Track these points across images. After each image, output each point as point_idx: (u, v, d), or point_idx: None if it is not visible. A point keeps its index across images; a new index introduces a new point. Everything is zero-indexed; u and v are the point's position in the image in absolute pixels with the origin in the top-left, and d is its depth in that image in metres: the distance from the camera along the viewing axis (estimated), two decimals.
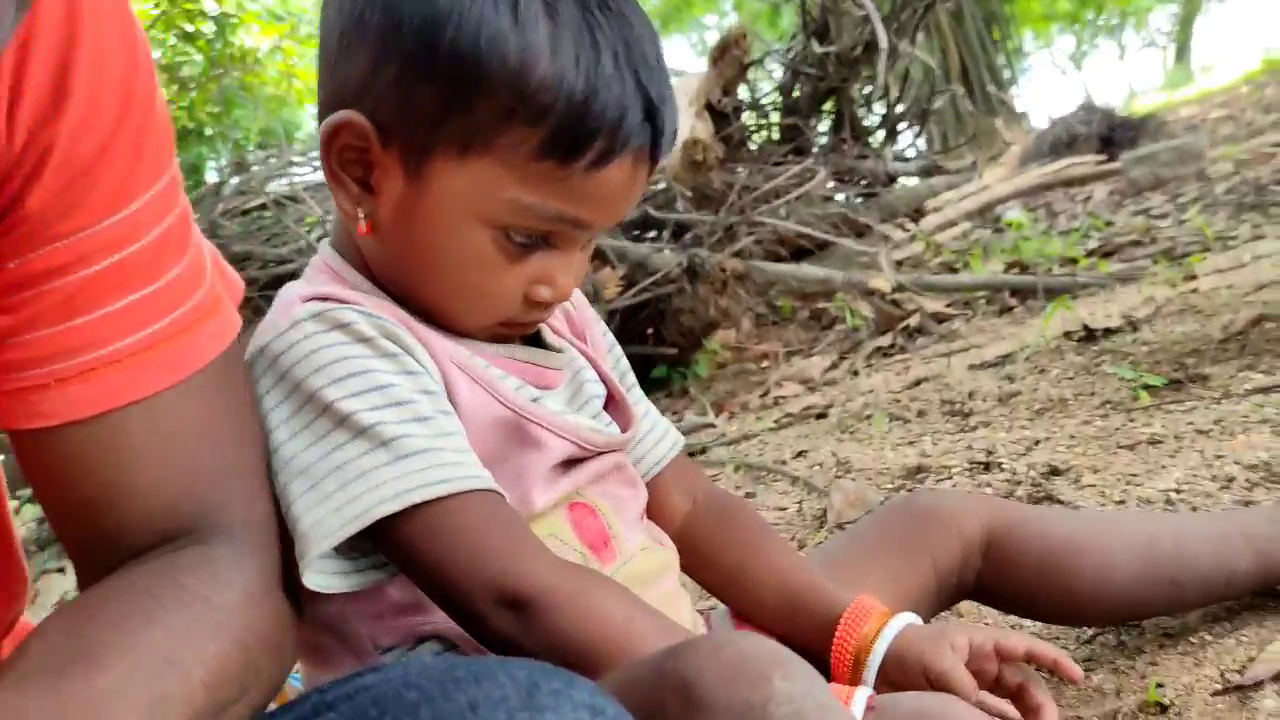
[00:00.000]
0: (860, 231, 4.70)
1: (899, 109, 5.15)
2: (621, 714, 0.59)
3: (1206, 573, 1.08)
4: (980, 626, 0.96)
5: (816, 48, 4.59)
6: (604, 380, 1.03)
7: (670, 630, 0.80)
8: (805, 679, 0.65)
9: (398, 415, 0.81)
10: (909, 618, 0.96)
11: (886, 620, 0.95)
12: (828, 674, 0.99)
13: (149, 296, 0.71)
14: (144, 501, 0.72)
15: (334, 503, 0.79)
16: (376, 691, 0.60)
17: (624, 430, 1.00)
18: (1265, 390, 1.84)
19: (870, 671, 0.94)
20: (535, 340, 1.00)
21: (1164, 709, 1.04)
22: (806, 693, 0.64)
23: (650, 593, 0.95)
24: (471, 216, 0.84)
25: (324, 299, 0.85)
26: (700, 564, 1.06)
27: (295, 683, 1.08)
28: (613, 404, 1.03)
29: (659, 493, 1.08)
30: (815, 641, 0.99)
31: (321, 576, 0.81)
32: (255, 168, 5.38)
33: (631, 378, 1.10)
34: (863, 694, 0.81)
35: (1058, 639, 1.26)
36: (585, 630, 0.77)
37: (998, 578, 1.10)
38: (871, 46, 4.39)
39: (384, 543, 0.82)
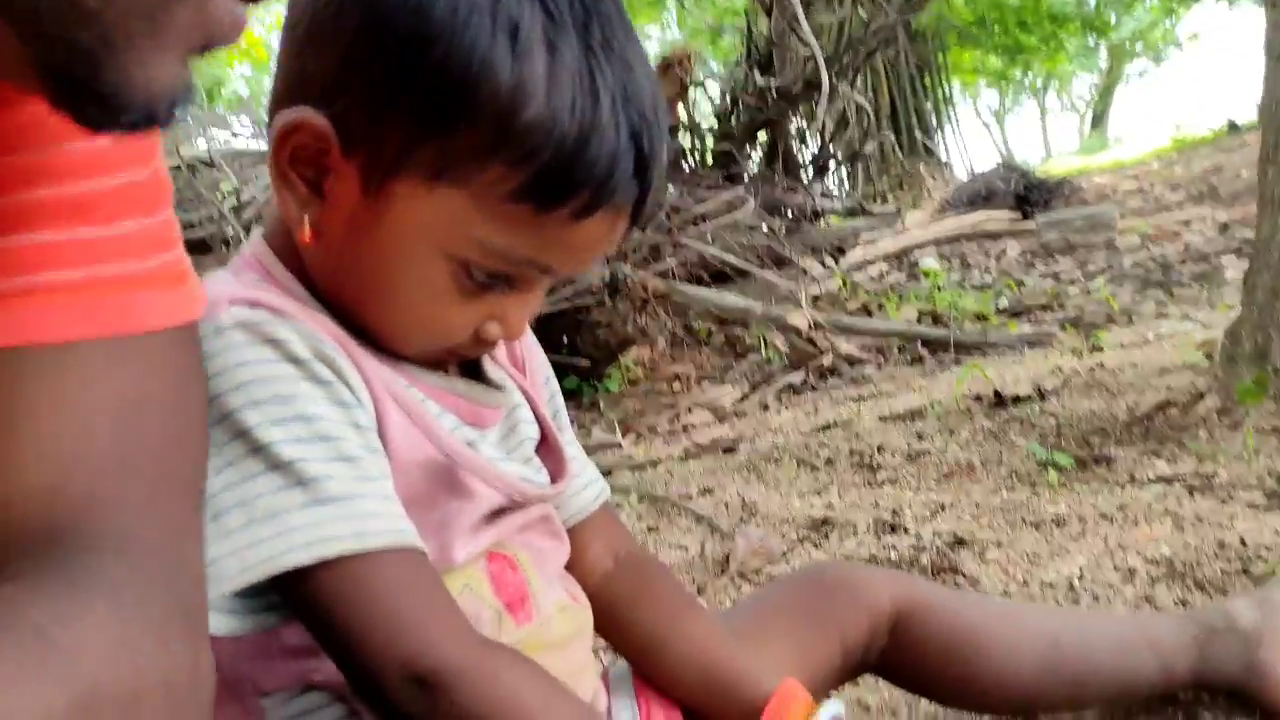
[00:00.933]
0: (781, 262, 4.72)
1: (831, 147, 5.20)
2: None
3: (1108, 675, 1.08)
4: None
5: (758, 79, 4.61)
6: (539, 421, 0.97)
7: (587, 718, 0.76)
8: None
9: (321, 452, 0.74)
10: (834, 708, 0.94)
11: (812, 711, 0.93)
12: None
13: (96, 240, 0.62)
14: (22, 473, 0.60)
15: (235, 542, 0.72)
16: None
17: (555, 477, 0.95)
18: (1168, 480, 1.88)
19: None
20: (474, 370, 0.93)
21: None
22: None
23: (562, 659, 0.90)
24: (431, 247, 0.78)
25: (254, 304, 0.77)
26: (615, 627, 1.01)
27: None
28: (545, 447, 0.97)
29: (578, 543, 1.02)
30: None
31: (210, 615, 0.76)
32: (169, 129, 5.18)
33: (564, 417, 1.04)
34: None
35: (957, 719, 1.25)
36: (499, 716, 0.73)
37: (901, 657, 1.09)
38: (812, 84, 4.41)
39: (286, 590, 0.75)
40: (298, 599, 0.75)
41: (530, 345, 1.02)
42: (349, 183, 0.77)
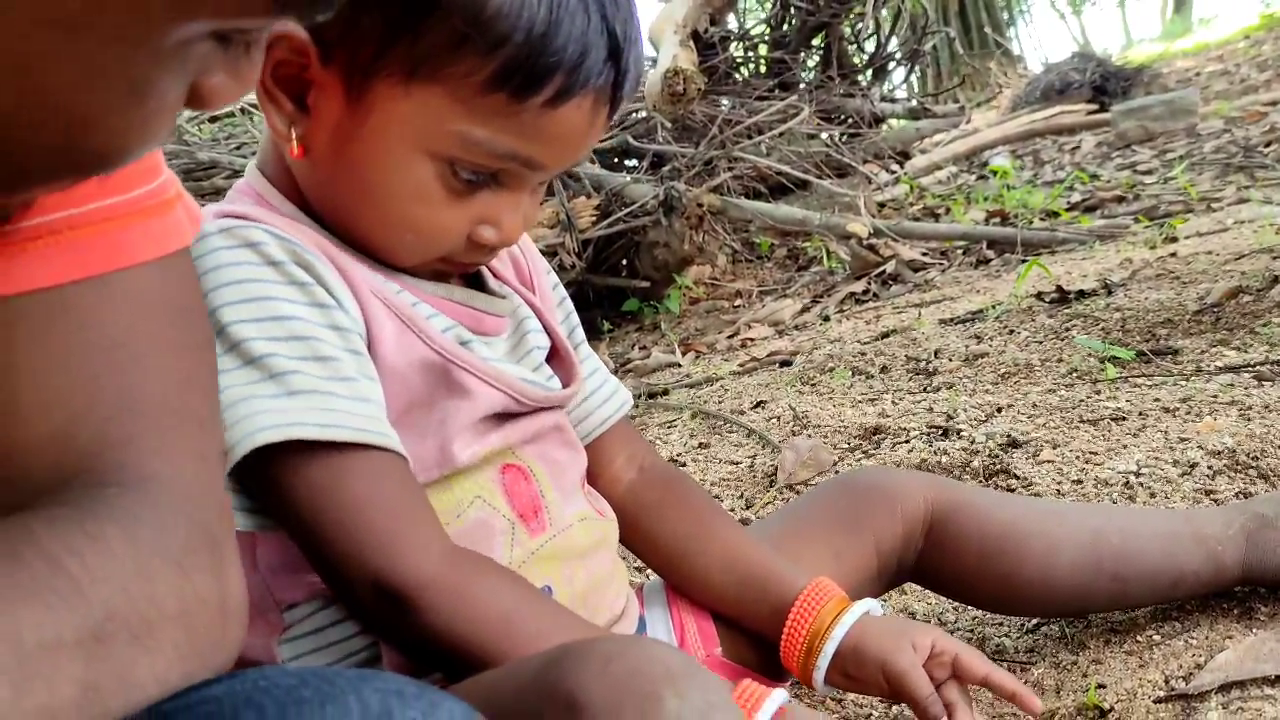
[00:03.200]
0: (843, 171, 4.60)
1: (889, 48, 5.02)
2: None
3: (1153, 571, 1.03)
4: (944, 633, 0.91)
5: None
6: (549, 331, 0.96)
7: (559, 624, 0.75)
8: (701, 694, 0.59)
9: (294, 350, 0.74)
10: (869, 604, 0.91)
11: (845, 606, 0.90)
12: (778, 659, 0.94)
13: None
14: (30, 420, 0.59)
15: None
16: (215, 706, 0.54)
17: (566, 386, 0.93)
18: (1236, 369, 1.78)
19: (824, 660, 0.89)
20: (476, 284, 0.92)
21: (1104, 714, 0.99)
22: (701, 712, 0.58)
23: (583, 567, 0.89)
24: (415, 147, 0.78)
25: (239, 217, 0.78)
26: (642, 537, 1.00)
27: None
28: (556, 358, 0.96)
29: (601, 456, 1.02)
30: (766, 625, 0.95)
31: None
32: None
33: (580, 334, 1.03)
34: (775, 701, 0.75)
35: (1000, 624, 1.21)
36: (465, 629, 0.72)
37: (939, 561, 1.06)
38: None
39: (266, 489, 0.76)
40: (273, 496, 0.75)
41: (541, 269, 1.01)
42: (331, 93, 0.78)
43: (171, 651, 0.56)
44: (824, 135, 4.66)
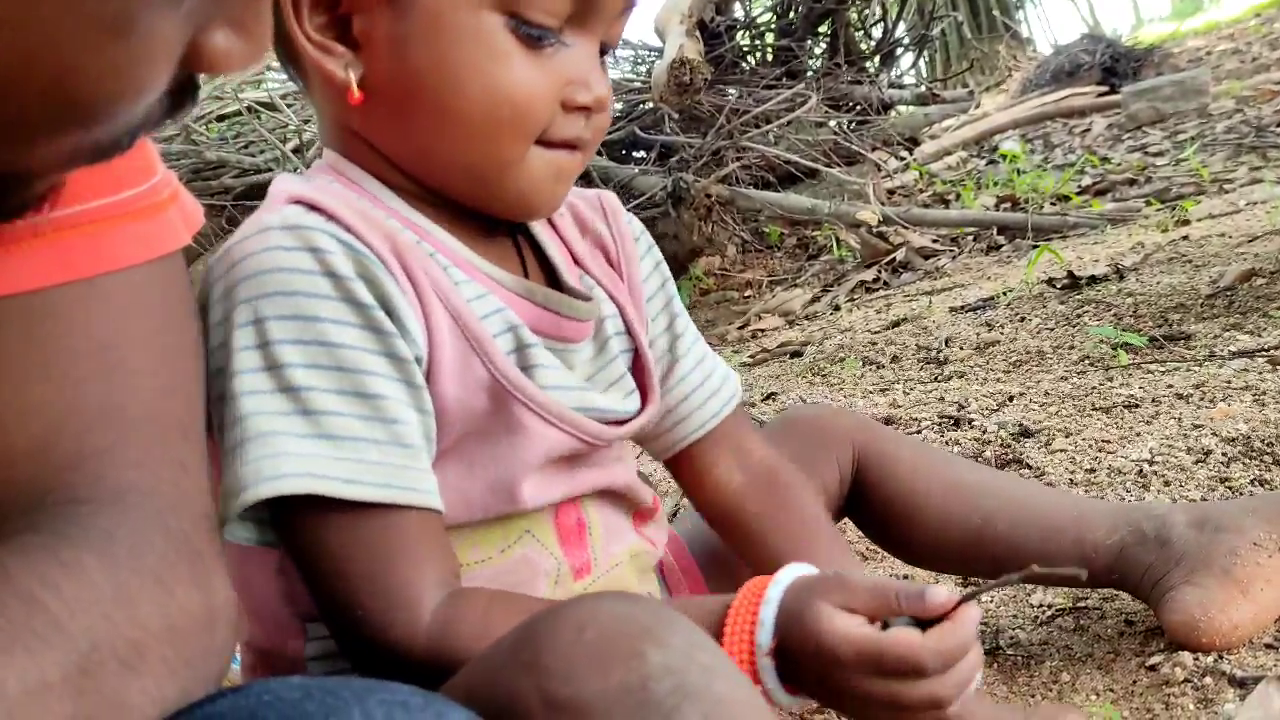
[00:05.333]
0: (852, 159, 4.57)
1: (897, 33, 4.99)
2: None
3: (1028, 559, 1.04)
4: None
5: None
6: (632, 334, 0.90)
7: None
8: (683, 641, 0.57)
9: (335, 382, 0.70)
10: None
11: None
12: None
13: (55, 181, 0.57)
14: (7, 428, 0.58)
15: (231, 460, 0.70)
16: None
17: (643, 403, 0.89)
18: (1250, 353, 1.77)
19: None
20: (554, 282, 0.87)
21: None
22: (687, 658, 0.56)
23: None
24: (474, 3, 0.73)
25: (310, 206, 0.74)
26: (745, 545, 0.95)
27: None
28: (638, 367, 0.90)
29: (702, 461, 0.95)
30: None
31: (234, 526, 0.73)
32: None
33: (683, 322, 0.96)
34: (778, 586, 0.71)
35: (1015, 617, 1.20)
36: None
37: (858, 503, 1.09)
38: None
39: (276, 523, 0.74)
40: (283, 526, 0.73)
41: (633, 255, 0.94)
42: (373, 8, 0.74)
43: (162, 669, 0.55)
44: (832, 123, 4.63)
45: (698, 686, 0.55)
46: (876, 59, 4.98)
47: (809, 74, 4.67)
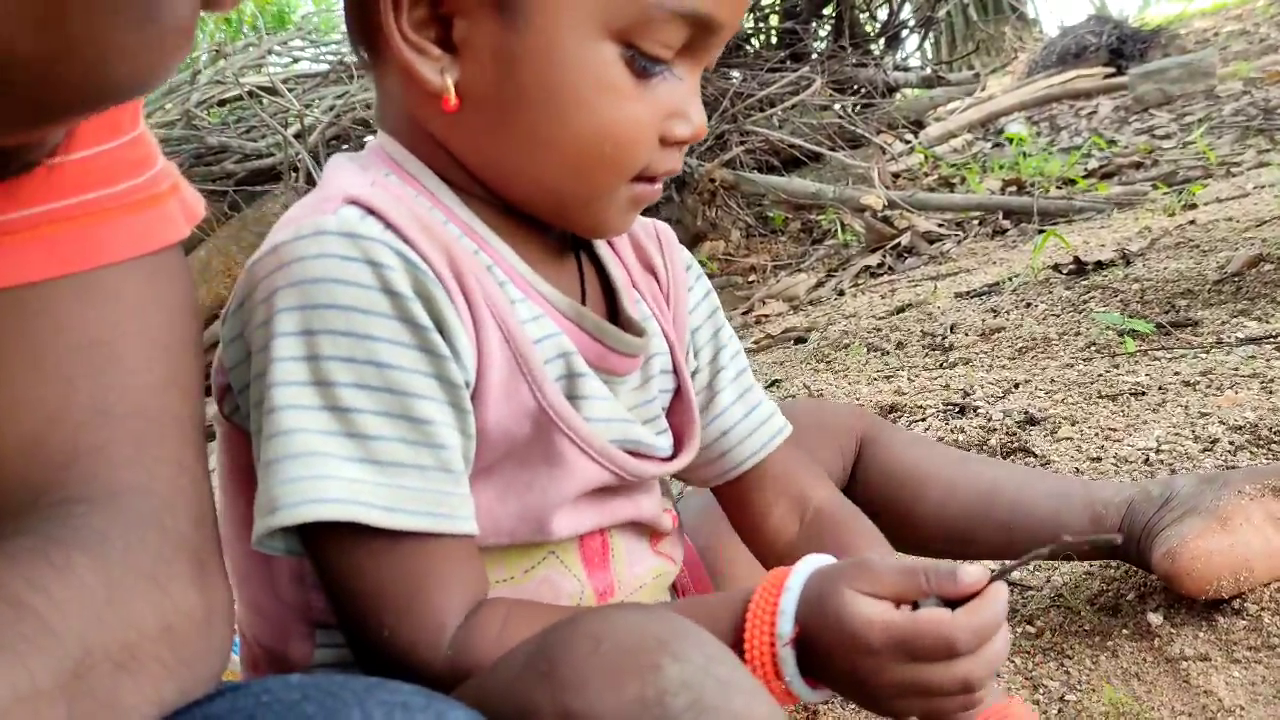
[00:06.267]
0: (856, 143, 4.55)
1: (902, 15, 4.96)
2: None
3: (1038, 525, 1.04)
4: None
5: None
6: (676, 371, 0.88)
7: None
8: (700, 655, 0.56)
9: (384, 404, 0.68)
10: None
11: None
12: None
13: (49, 172, 0.58)
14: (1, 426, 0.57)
15: (271, 477, 0.68)
16: None
17: (679, 440, 0.87)
18: (1257, 340, 1.76)
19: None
20: (613, 314, 0.84)
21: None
22: (704, 672, 0.55)
23: None
24: (592, 30, 0.70)
25: (370, 210, 0.70)
26: None
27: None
28: (678, 403, 0.89)
29: (754, 502, 0.93)
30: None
31: (267, 540, 0.71)
32: (232, 56, 5.18)
33: (731, 351, 0.93)
34: (798, 577, 0.70)
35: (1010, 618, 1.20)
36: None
37: (852, 491, 1.08)
38: None
39: (305, 539, 0.71)
40: (312, 542, 0.71)
41: (681, 280, 0.92)
42: (480, 16, 0.70)
43: (158, 670, 0.55)
44: (837, 106, 4.61)
45: (715, 701, 0.54)
46: (881, 42, 4.96)
47: (813, 57, 4.65)
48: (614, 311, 0.84)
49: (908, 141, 5.19)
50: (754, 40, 4.76)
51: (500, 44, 0.70)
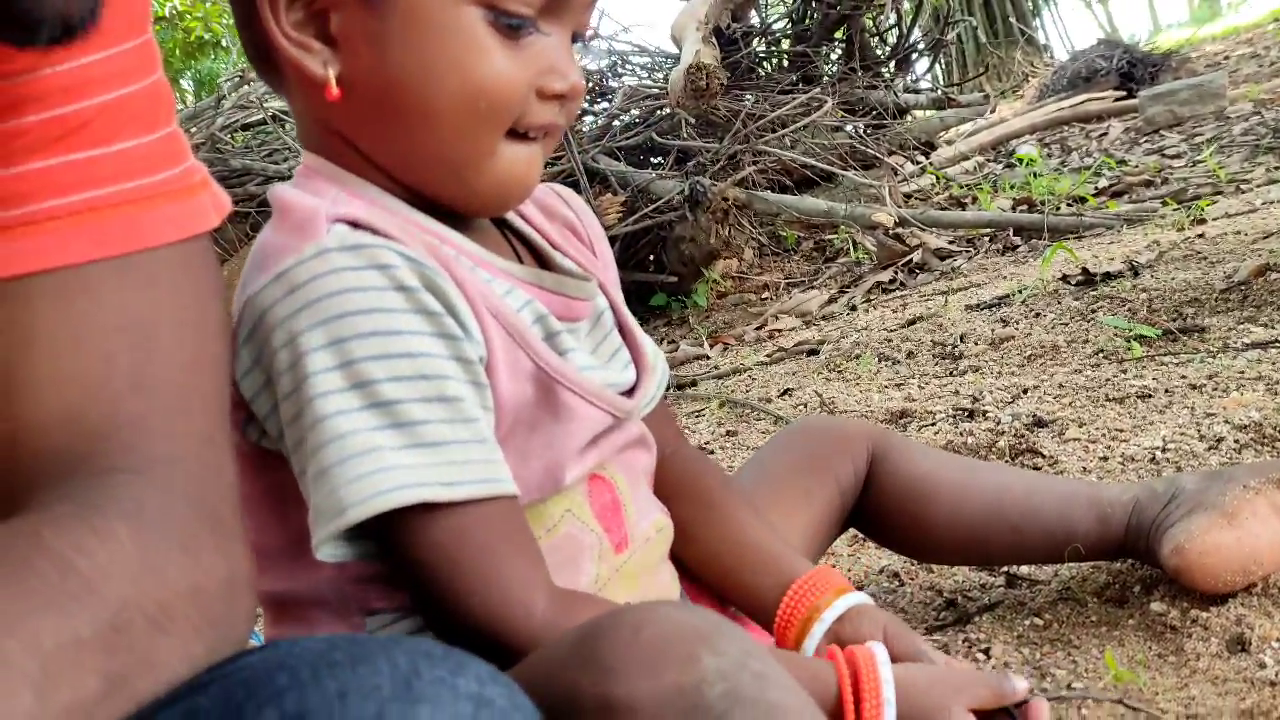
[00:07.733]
0: (868, 164, 4.59)
1: (912, 38, 5.00)
2: (513, 703, 0.54)
3: (1048, 526, 1.07)
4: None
5: None
6: (614, 308, 0.94)
7: None
8: (738, 649, 0.59)
9: (421, 391, 0.72)
10: (860, 598, 0.92)
11: (841, 594, 0.91)
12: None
13: (92, 160, 0.61)
14: (42, 398, 0.60)
15: (332, 480, 0.71)
16: (249, 673, 0.55)
17: (638, 372, 0.92)
18: (1263, 345, 1.78)
19: (812, 642, 0.90)
20: (544, 264, 0.90)
21: None
22: (740, 665, 0.58)
23: (654, 582, 0.90)
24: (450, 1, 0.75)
25: (356, 225, 0.75)
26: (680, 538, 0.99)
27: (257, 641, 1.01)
28: (624, 338, 0.94)
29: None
30: (768, 608, 0.95)
31: (329, 546, 0.73)
32: (255, 81, 5.26)
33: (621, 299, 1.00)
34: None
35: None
36: None
37: (864, 502, 1.12)
38: None
39: (378, 535, 0.74)
40: (389, 546, 0.74)
41: (599, 235, 0.98)
42: (349, 5, 0.75)
43: (189, 629, 0.57)
44: (848, 127, 4.65)
45: (751, 693, 0.57)
46: (892, 64, 5.00)
47: (824, 79, 4.69)
48: (549, 270, 0.89)
49: (918, 163, 5.23)
50: (766, 63, 4.81)
51: (371, 29, 0.75)
